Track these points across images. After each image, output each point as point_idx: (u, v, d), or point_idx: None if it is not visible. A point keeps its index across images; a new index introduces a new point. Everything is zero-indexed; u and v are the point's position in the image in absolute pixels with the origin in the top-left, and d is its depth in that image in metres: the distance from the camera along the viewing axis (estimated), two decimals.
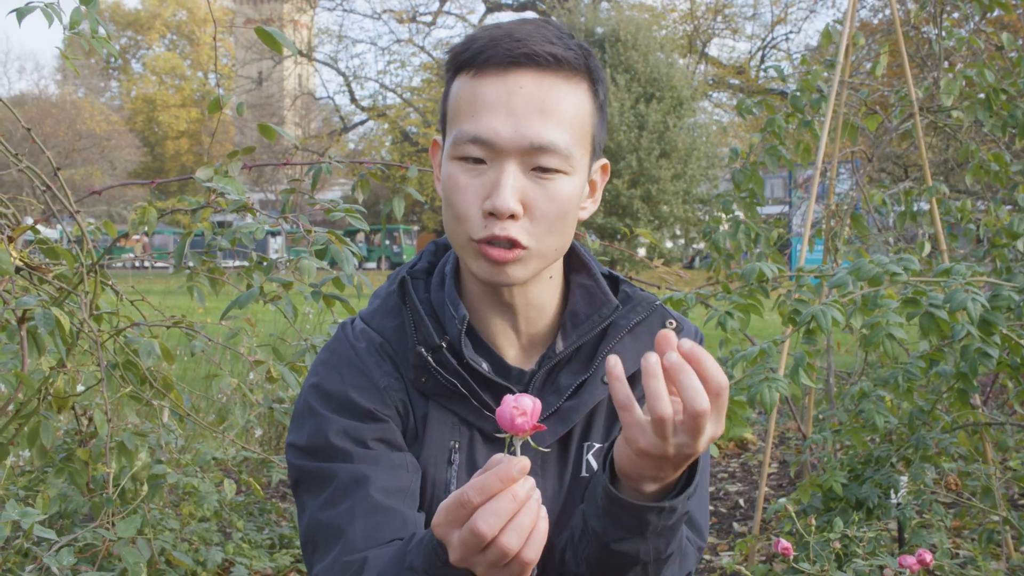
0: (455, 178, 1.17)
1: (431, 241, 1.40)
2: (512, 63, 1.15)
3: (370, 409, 1.23)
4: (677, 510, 1.06)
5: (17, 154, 2.16)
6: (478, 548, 0.91)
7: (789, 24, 40.88)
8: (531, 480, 0.92)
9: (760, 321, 2.44)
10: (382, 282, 1.37)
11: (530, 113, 1.14)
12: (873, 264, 2.26)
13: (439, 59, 41.93)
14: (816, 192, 3.33)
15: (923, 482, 2.71)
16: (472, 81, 1.17)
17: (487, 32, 1.19)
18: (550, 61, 1.15)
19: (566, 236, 1.21)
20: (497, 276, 1.18)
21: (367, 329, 1.30)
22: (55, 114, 37.83)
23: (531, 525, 0.92)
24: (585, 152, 1.20)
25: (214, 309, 6.65)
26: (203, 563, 2.96)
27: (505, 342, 1.28)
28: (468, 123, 1.15)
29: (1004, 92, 3.36)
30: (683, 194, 28.98)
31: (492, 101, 1.14)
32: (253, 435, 4.33)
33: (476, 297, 1.27)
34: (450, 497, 0.94)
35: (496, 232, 1.15)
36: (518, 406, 0.92)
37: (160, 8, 51.70)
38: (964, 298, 2.15)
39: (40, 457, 2.14)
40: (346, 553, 1.15)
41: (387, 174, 2.69)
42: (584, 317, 1.28)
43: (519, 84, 1.15)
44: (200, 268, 2.45)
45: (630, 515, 1.05)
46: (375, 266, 36.23)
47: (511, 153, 1.14)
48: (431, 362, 1.22)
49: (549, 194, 1.16)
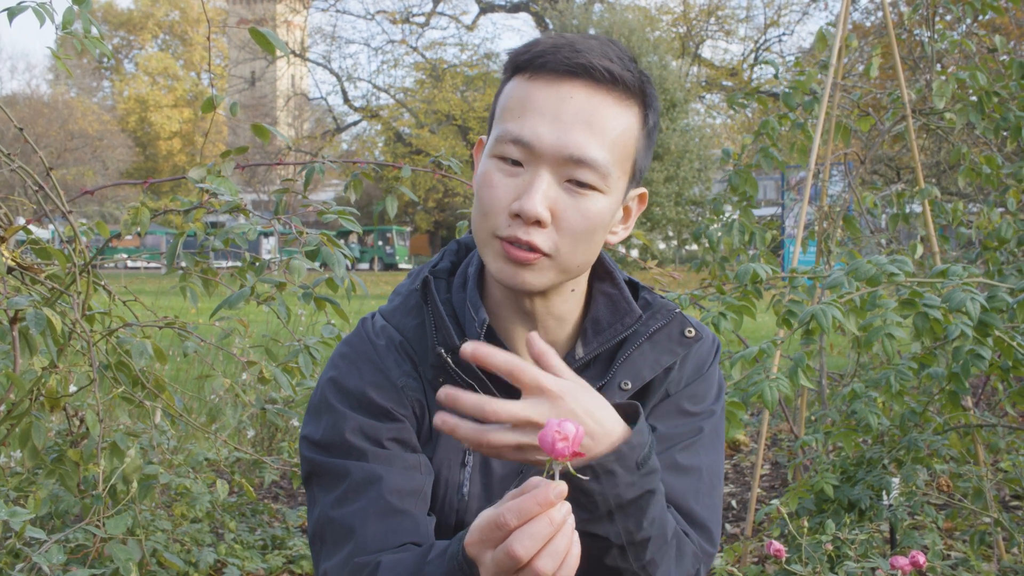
0: (490, 175, 1.17)
1: (453, 240, 1.39)
2: (568, 72, 1.14)
3: (387, 408, 1.23)
4: (617, 473, 1.04)
5: (9, 154, 2.15)
6: (512, 570, 0.91)
7: (782, 26, 40.95)
8: (567, 505, 0.92)
9: (753, 322, 2.45)
10: (375, 283, 1.37)
11: (576, 124, 1.14)
12: (871, 264, 2.27)
13: (432, 60, 41.94)
14: (809, 194, 3.34)
15: (915, 484, 2.72)
16: (526, 83, 1.17)
17: (551, 39, 1.19)
18: (605, 77, 1.15)
19: (590, 254, 1.21)
20: (512, 279, 1.18)
21: (387, 326, 1.30)
22: (47, 114, 37.72)
23: (566, 550, 0.92)
24: (624, 175, 1.20)
25: (207, 310, 6.63)
26: (195, 564, 2.96)
27: (524, 348, 1.27)
28: (513, 123, 1.16)
29: (996, 95, 3.37)
30: (675, 196, 29.04)
31: (541, 106, 1.15)
32: (245, 436, 4.32)
33: (497, 302, 1.27)
34: (485, 516, 0.94)
35: (519, 235, 1.14)
36: (560, 431, 0.90)
37: (153, 8, 51.57)
38: (963, 298, 2.16)
39: (31, 458, 2.13)
40: (358, 554, 1.15)
41: (380, 174, 2.69)
42: (607, 325, 1.28)
43: (571, 94, 1.14)
44: (193, 269, 2.45)
45: (574, 489, 1.03)
46: (368, 267, 36.21)
47: (549, 160, 1.14)
48: (450, 363, 1.22)
49: (580, 208, 1.15)
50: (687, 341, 1.29)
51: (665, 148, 28.53)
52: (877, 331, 2.16)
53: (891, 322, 2.16)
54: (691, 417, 1.30)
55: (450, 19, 51.91)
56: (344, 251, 2.23)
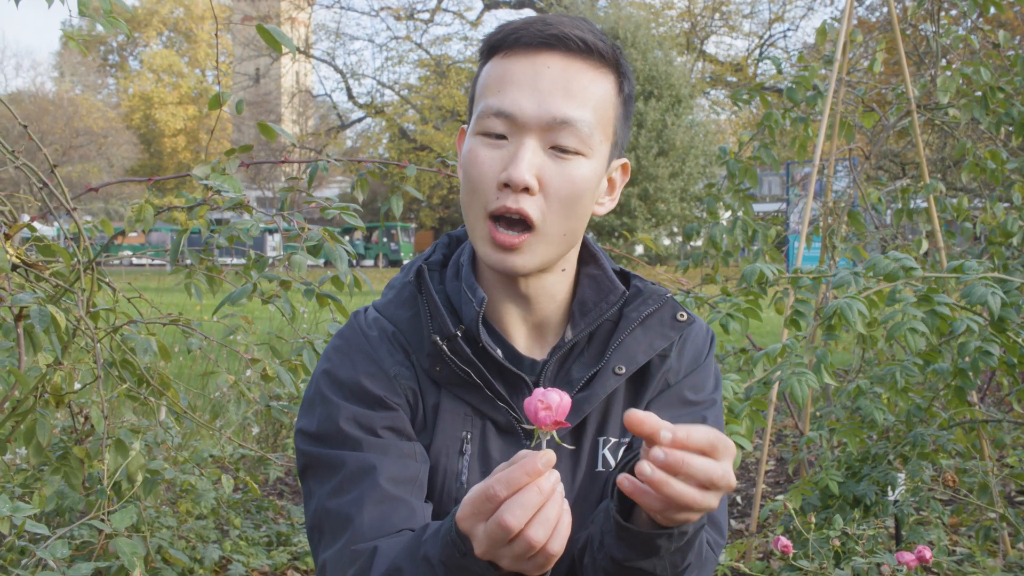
0: (475, 151, 1.19)
1: (445, 233, 1.41)
2: (542, 44, 1.17)
3: (380, 396, 1.24)
4: (689, 532, 1.06)
5: (14, 151, 2.15)
6: (504, 541, 0.92)
7: (787, 22, 40.89)
8: (556, 473, 0.93)
9: (756, 320, 2.45)
10: (380, 280, 1.38)
11: (554, 91, 1.16)
12: (889, 260, 2.25)
13: (436, 56, 41.90)
14: (813, 190, 3.33)
15: (920, 479, 2.71)
16: (502, 60, 1.20)
17: (522, 19, 1.21)
18: (580, 47, 1.17)
19: (576, 221, 1.22)
20: (502, 264, 1.20)
21: (380, 318, 1.31)
22: (52, 111, 37.75)
23: (556, 518, 0.93)
24: (605, 140, 1.21)
25: (211, 307, 6.63)
26: (200, 560, 2.96)
27: (518, 332, 1.29)
28: (494, 98, 1.18)
29: (1001, 90, 3.36)
30: (680, 192, 29.01)
31: (519, 78, 1.17)
32: (250, 432, 4.32)
33: (491, 286, 1.28)
34: (475, 490, 0.95)
35: (509, 204, 1.16)
36: (544, 400, 0.92)
37: (157, 5, 51.61)
38: (984, 292, 2.14)
39: (36, 455, 2.13)
40: (354, 542, 1.16)
41: (385, 172, 2.69)
42: (592, 305, 1.29)
43: (547, 64, 1.17)
44: (198, 267, 2.45)
45: (641, 541, 1.06)
46: (373, 264, 36.22)
47: (532, 129, 1.16)
48: (446, 351, 1.23)
49: (566, 173, 1.17)
50: (679, 325, 1.31)
51: (670, 144, 28.50)
52: (899, 326, 2.14)
53: (911, 316, 2.15)
54: (694, 407, 1.31)
55: (454, 15, 51.80)
56: (346, 247, 2.23)
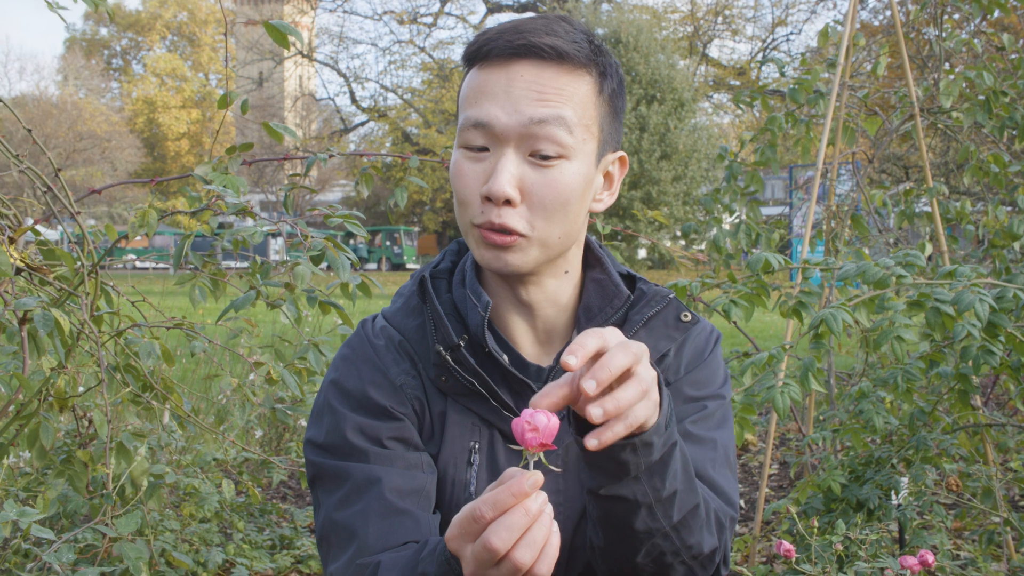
0: (459, 165, 1.20)
1: (454, 240, 1.40)
2: (513, 54, 1.17)
3: (386, 407, 1.24)
4: (654, 443, 1.02)
5: (18, 155, 2.16)
6: (491, 563, 0.91)
7: (790, 26, 40.88)
8: (543, 495, 0.91)
9: (761, 323, 2.45)
10: (383, 283, 1.38)
11: (528, 98, 1.16)
12: (879, 267, 2.25)
13: (439, 60, 41.94)
14: (817, 193, 3.33)
15: (924, 483, 2.71)
16: (477, 73, 1.20)
17: (497, 27, 1.21)
18: (551, 53, 1.16)
19: (570, 224, 1.21)
20: (496, 263, 1.19)
21: (387, 327, 1.31)
22: (56, 115, 37.83)
23: (544, 540, 0.91)
24: (590, 138, 1.20)
25: (214, 309, 6.65)
26: (204, 564, 2.96)
27: (524, 339, 1.29)
28: (471, 110, 1.18)
29: (1004, 94, 3.36)
30: (683, 196, 29.00)
31: (493, 89, 1.17)
32: (253, 436, 4.33)
33: (495, 293, 1.28)
34: (463, 511, 0.94)
35: (492, 219, 1.16)
36: (531, 421, 0.90)
37: (161, 9, 51.70)
38: (972, 299, 2.14)
39: (40, 458, 2.13)
40: (360, 555, 1.16)
41: (389, 173, 2.70)
42: (597, 310, 1.29)
43: (520, 73, 1.17)
44: (204, 271, 2.45)
45: (607, 459, 1.02)
46: (376, 267, 36.23)
47: (511, 138, 1.16)
48: (449, 361, 1.22)
49: (548, 180, 1.17)
50: (683, 326, 1.30)
51: (673, 147, 28.50)
52: (886, 334, 2.15)
53: (900, 324, 2.15)
54: (696, 401, 1.30)
55: (457, 19, 51.82)
56: (349, 255, 2.23)
